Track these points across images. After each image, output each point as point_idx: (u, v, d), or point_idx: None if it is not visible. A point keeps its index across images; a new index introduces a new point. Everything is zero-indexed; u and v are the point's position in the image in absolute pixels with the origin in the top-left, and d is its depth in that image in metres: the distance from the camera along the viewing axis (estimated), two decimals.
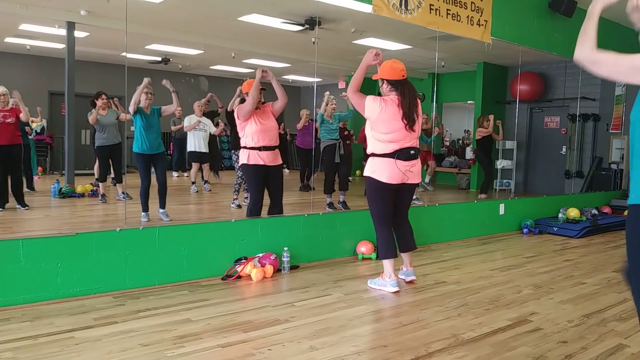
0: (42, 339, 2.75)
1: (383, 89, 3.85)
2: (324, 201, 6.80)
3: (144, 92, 5.43)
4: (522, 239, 6.30)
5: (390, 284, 3.82)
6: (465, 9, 5.73)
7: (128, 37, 4.51)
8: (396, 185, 3.78)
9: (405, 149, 3.73)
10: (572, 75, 9.04)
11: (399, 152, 3.70)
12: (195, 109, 7.86)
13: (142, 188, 5.46)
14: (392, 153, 3.71)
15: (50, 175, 9.41)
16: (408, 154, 3.73)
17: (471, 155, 10.12)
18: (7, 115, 5.96)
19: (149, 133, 5.46)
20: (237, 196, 6.74)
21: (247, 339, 2.82)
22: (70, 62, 7.21)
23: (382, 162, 3.75)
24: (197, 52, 9.35)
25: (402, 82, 3.77)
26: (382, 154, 3.74)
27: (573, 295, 3.85)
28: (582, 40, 1.85)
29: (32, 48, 9.26)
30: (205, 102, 7.81)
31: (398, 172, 3.72)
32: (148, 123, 5.47)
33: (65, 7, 6.82)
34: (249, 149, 4.55)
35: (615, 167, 8.94)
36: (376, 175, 3.77)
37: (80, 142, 9.48)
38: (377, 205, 3.86)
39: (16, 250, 3.26)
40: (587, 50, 1.83)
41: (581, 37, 1.86)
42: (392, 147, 3.72)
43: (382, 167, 3.75)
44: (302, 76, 11.48)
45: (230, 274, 4.03)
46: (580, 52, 1.84)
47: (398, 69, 3.77)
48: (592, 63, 1.81)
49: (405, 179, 3.77)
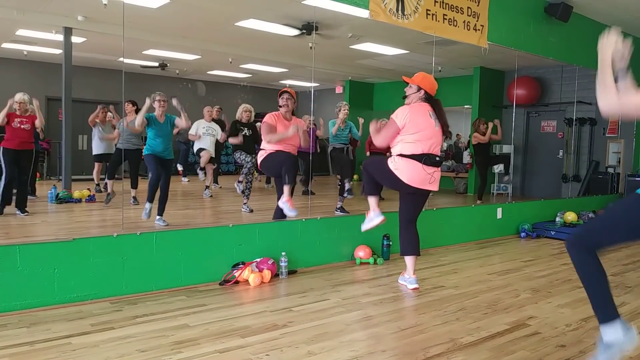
0: (39, 345, 2.74)
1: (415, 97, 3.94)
2: (322, 205, 6.80)
3: (157, 99, 5.53)
4: (520, 243, 6.31)
5: (409, 282, 4.07)
6: (461, 14, 5.76)
7: (125, 43, 4.52)
8: (419, 190, 3.88)
9: (432, 154, 3.84)
10: (568, 79, 9.09)
11: (425, 157, 3.79)
12: (205, 114, 7.86)
13: (151, 179, 5.51)
14: (419, 155, 3.78)
15: (47, 181, 9.39)
16: (434, 160, 3.84)
17: (469, 160, 10.13)
18: (24, 121, 6.03)
19: (160, 140, 5.53)
20: (247, 200, 6.69)
21: (244, 344, 2.81)
22: (68, 67, 7.21)
23: (406, 163, 3.80)
24: (195, 57, 9.36)
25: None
26: (409, 155, 3.80)
27: (571, 299, 3.85)
28: (605, 91, 1.90)
29: (30, 53, 9.27)
30: (217, 110, 7.82)
31: (422, 174, 3.80)
32: (160, 132, 5.54)
33: (62, 12, 6.83)
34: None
35: (612, 171, 8.97)
36: (403, 177, 3.82)
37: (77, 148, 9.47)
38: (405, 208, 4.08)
39: (13, 255, 3.25)
40: (611, 99, 1.88)
41: (601, 88, 1.90)
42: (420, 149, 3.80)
43: (405, 167, 3.81)
44: (300, 81, 11.51)
45: (228, 279, 4.02)
46: (607, 103, 1.90)
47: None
48: (620, 107, 1.89)
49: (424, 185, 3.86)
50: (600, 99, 1.89)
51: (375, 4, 4.90)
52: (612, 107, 1.88)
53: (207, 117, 7.83)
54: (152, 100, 5.50)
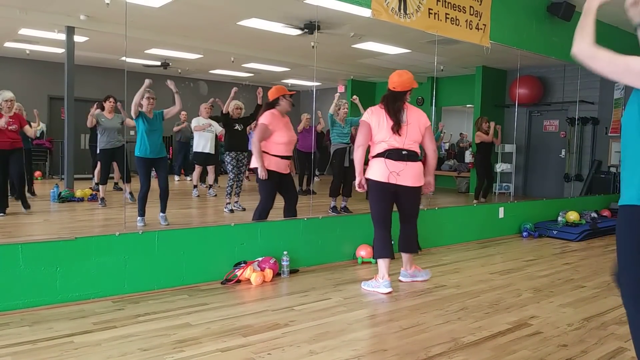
0: (41, 343, 2.74)
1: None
2: (324, 205, 6.80)
3: (146, 96, 5.40)
4: (522, 243, 6.30)
5: (383, 285, 3.86)
6: (464, 13, 5.75)
7: (127, 42, 4.52)
8: (392, 187, 3.85)
9: (396, 149, 3.85)
10: (570, 78, 9.06)
11: (389, 152, 3.85)
12: (202, 112, 7.88)
13: (141, 192, 5.44)
14: (383, 152, 3.88)
15: (49, 180, 9.42)
16: (399, 155, 3.85)
17: (470, 159, 10.13)
18: (11, 122, 5.94)
19: (151, 137, 5.44)
20: (230, 200, 6.73)
21: (246, 343, 2.81)
22: (70, 66, 7.22)
23: (374, 162, 3.93)
24: (197, 56, 9.37)
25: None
26: (375, 155, 3.93)
27: (573, 299, 3.84)
28: (580, 35, 1.86)
29: (32, 52, 9.29)
30: (210, 106, 7.85)
31: (386, 170, 3.83)
32: (150, 127, 5.45)
33: (64, 11, 6.84)
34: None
35: (614, 170, 8.95)
36: (370, 175, 3.91)
37: (79, 147, 9.49)
38: (373, 206, 3.97)
39: (15, 254, 3.26)
40: (585, 44, 1.83)
41: (579, 32, 1.87)
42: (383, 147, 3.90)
43: (374, 166, 3.92)
44: (302, 80, 11.51)
45: (230, 278, 4.02)
46: (579, 47, 1.85)
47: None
48: (590, 58, 1.82)
49: (395, 180, 3.83)
50: (574, 42, 1.85)
51: (378, 3, 4.90)
52: (582, 53, 1.82)
53: (204, 114, 7.85)
54: (150, 84, 5.34)
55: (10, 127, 5.90)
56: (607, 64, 1.80)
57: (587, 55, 1.82)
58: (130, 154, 6.55)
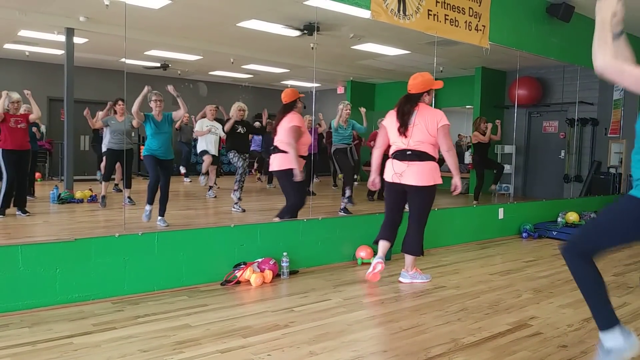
0: (40, 345, 2.74)
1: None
2: (324, 206, 6.80)
3: (153, 99, 5.50)
4: (522, 243, 6.30)
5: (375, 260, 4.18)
6: (463, 14, 5.75)
7: (127, 43, 4.52)
8: (399, 186, 4.08)
9: (402, 150, 4.06)
10: (570, 79, 9.06)
11: (395, 153, 4.13)
12: (207, 113, 7.88)
13: (150, 181, 5.53)
14: (392, 153, 4.18)
15: (49, 181, 9.40)
16: (403, 155, 4.06)
17: (469, 160, 10.12)
18: (19, 120, 6.05)
19: (159, 139, 5.53)
20: (240, 195, 6.71)
21: (246, 344, 2.81)
22: (69, 68, 7.22)
23: (387, 162, 4.23)
24: (196, 57, 9.36)
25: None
26: (389, 156, 4.22)
27: (573, 300, 3.84)
28: (602, 49, 1.82)
29: (31, 54, 9.27)
30: (215, 107, 7.86)
31: (391, 171, 4.12)
32: (159, 130, 5.52)
33: (64, 13, 6.83)
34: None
35: (613, 171, 8.95)
36: (383, 174, 4.25)
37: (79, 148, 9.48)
38: (385, 200, 4.36)
39: (15, 256, 3.26)
40: (609, 58, 1.81)
41: (601, 45, 1.82)
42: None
43: (386, 167, 4.24)
44: (301, 81, 11.51)
45: (230, 279, 4.02)
46: (604, 61, 1.81)
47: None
48: (618, 72, 1.79)
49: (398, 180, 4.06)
50: (597, 56, 1.79)
51: (377, 4, 4.91)
52: (608, 66, 1.81)
53: (209, 116, 7.85)
54: (149, 91, 5.45)
55: (19, 125, 6.01)
56: (636, 79, 1.79)
57: (614, 70, 1.80)
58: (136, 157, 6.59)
